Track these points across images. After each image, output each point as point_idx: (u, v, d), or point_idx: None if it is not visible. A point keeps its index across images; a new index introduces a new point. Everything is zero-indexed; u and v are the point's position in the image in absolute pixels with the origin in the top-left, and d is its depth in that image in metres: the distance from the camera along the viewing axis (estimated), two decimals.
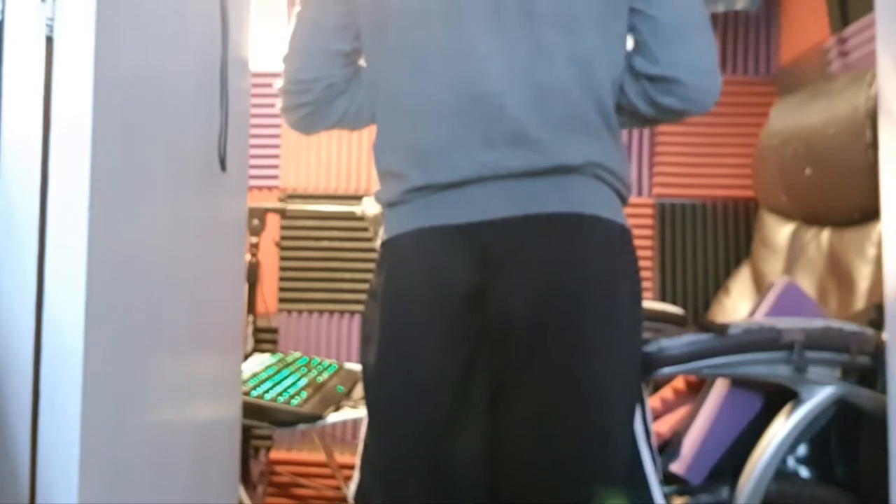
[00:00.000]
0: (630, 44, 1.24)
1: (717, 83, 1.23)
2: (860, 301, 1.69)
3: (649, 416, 1.22)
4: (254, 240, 2.22)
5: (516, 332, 1.12)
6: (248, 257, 2.17)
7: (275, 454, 2.65)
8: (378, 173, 1.24)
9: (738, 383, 1.55)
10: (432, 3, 1.16)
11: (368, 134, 2.70)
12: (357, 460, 1.26)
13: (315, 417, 1.76)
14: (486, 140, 1.13)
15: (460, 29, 1.15)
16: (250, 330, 2.24)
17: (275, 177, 2.73)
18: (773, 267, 2.10)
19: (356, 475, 1.26)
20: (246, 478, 2.03)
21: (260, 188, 2.72)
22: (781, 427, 1.46)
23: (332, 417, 1.81)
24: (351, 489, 1.26)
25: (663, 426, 1.61)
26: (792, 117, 2.07)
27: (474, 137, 1.14)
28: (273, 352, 2.31)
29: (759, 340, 1.46)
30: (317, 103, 1.29)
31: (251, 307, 2.23)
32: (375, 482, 1.21)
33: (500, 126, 1.13)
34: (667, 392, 1.71)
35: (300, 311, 2.72)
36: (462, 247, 1.13)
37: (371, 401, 1.22)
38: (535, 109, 1.13)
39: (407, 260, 1.18)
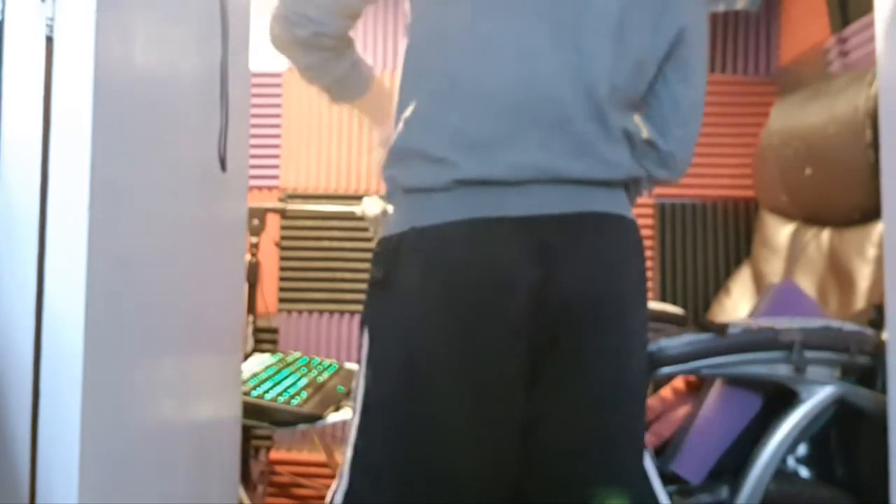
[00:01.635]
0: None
1: (692, 154, 1.33)
2: (860, 301, 1.69)
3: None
4: (254, 240, 2.22)
5: (572, 328, 1.13)
6: (248, 257, 2.17)
7: (275, 454, 2.65)
8: (399, 151, 1.17)
9: (738, 383, 1.54)
10: (511, 10, 1.15)
11: (369, 133, 2.70)
12: (345, 466, 1.16)
13: (315, 417, 1.76)
14: (548, 146, 1.13)
15: (536, 27, 1.13)
16: (250, 330, 2.24)
17: (275, 177, 2.73)
18: (773, 267, 2.10)
19: (343, 482, 1.15)
20: (246, 478, 2.03)
21: (260, 188, 2.72)
22: (781, 427, 1.46)
23: (332, 417, 1.81)
24: (336, 498, 1.15)
25: (663, 426, 1.61)
26: (792, 117, 2.07)
27: (537, 140, 1.12)
28: (273, 352, 2.31)
29: (758, 340, 1.46)
30: (306, 42, 1.29)
31: (251, 307, 2.23)
32: (381, 490, 1.13)
33: (566, 136, 1.13)
34: (667, 392, 1.71)
35: (300, 311, 2.72)
36: (522, 240, 1.12)
37: (390, 401, 1.13)
38: (598, 123, 1.14)
39: (456, 250, 1.12)
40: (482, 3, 1.15)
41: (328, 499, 1.18)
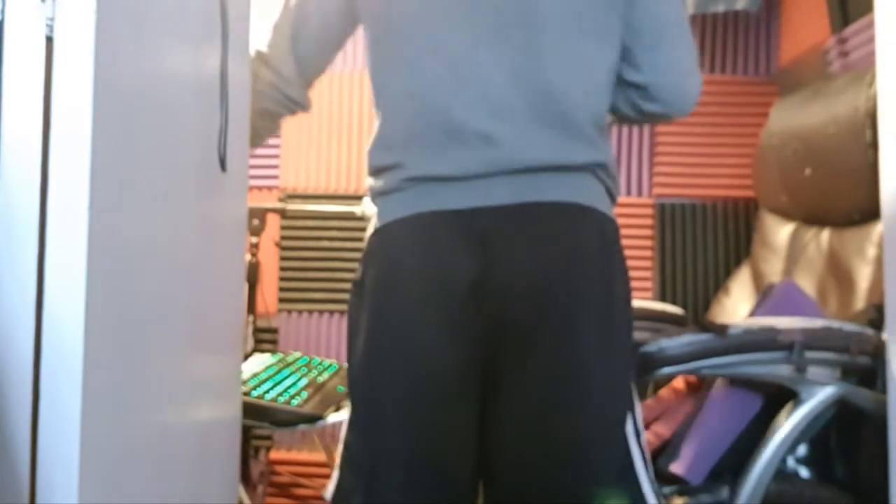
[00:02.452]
0: None
1: (694, 85, 1.29)
2: (860, 301, 1.69)
3: (639, 416, 1.22)
4: (254, 240, 2.22)
5: (517, 321, 1.13)
6: (248, 257, 2.17)
7: (275, 454, 2.65)
8: (371, 170, 1.25)
9: (738, 383, 1.55)
10: (438, 24, 1.19)
11: (368, 134, 2.70)
12: (337, 459, 1.23)
13: (315, 418, 1.76)
14: (493, 141, 1.15)
15: (468, 42, 1.18)
16: (250, 330, 2.24)
17: (275, 177, 2.73)
18: (773, 267, 2.10)
19: (335, 475, 1.23)
20: (246, 478, 2.03)
21: (260, 188, 2.72)
22: (781, 427, 1.46)
23: (333, 417, 1.81)
24: (329, 490, 1.23)
25: (663, 426, 1.61)
26: (792, 117, 2.07)
27: (480, 137, 1.16)
28: (273, 352, 2.31)
29: (758, 340, 1.46)
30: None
31: (251, 307, 2.23)
32: (358, 480, 1.18)
33: (507, 130, 1.15)
34: (667, 392, 1.71)
35: (300, 311, 2.72)
36: (462, 231, 1.14)
37: (358, 394, 1.20)
38: (541, 116, 1.16)
39: (404, 246, 1.18)
40: (423, 35, 1.20)
41: (324, 493, 1.25)
